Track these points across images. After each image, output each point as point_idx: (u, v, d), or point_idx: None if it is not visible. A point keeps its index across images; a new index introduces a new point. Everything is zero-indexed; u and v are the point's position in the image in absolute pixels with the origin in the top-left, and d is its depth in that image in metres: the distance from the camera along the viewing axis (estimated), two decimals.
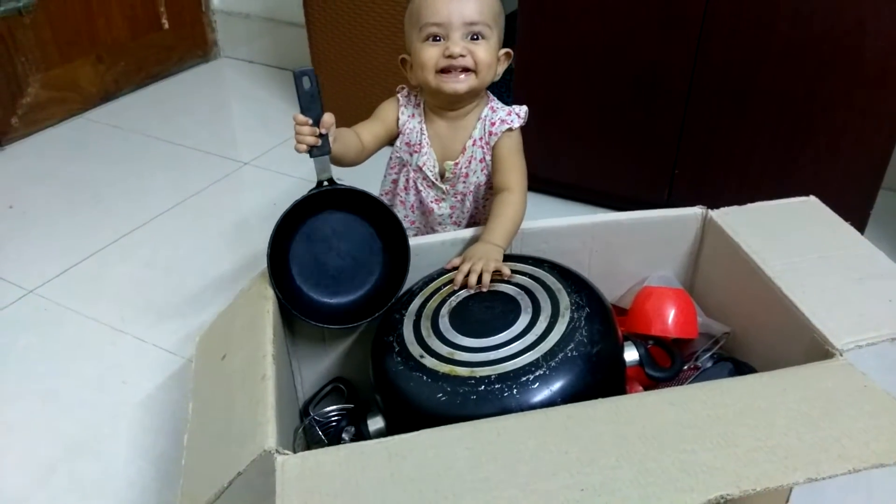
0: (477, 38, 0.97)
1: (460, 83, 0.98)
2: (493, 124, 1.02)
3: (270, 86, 2.25)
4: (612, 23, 1.37)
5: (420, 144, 1.04)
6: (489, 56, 0.98)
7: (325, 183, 0.92)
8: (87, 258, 1.48)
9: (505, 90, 1.60)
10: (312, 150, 0.89)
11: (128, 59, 2.17)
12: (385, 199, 1.12)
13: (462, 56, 0.96)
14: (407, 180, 1.07)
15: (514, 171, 1.02)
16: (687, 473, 0.63)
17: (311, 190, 0.92)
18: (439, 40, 0.96)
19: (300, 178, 1.75)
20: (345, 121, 1.74)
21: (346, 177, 0.96)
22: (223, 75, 2.38)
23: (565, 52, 1.44)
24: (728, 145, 1.39)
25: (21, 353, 1.25)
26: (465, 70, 0.97)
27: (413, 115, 1.05)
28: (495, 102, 1.05)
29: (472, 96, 1.02)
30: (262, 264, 0.94)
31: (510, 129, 1.02)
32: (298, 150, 0.89)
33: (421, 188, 1.07)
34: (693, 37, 1.32)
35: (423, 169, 1.05)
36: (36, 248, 1.52)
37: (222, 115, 2.15)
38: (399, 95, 1.06)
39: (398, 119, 1.05)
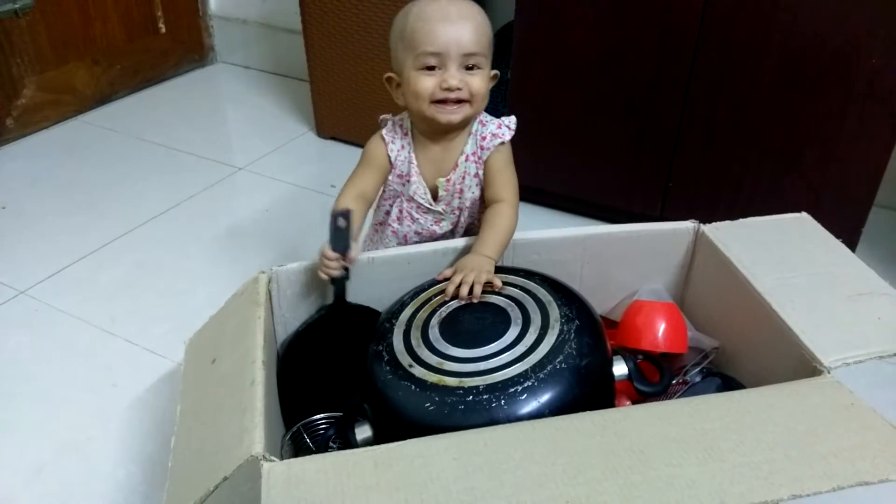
0: (473, 69, 0.95)
1: (455, 114, 0.96)
2: (483, 138, 1.01)
3: (266, 92, 2.25)
4: (608, 36, 1.38)
5: (409, 174, 1.03)
6: (484, 86, 0.96)
7: (337, 300, 0.97)
8: (80, 260, 1.48)
9: (501, 100, 1.61)
10: (335, 280, 0.93)
11: (124, 63, 2.17)
12: (376, 229, 1.12)
13: (459, 88, 0.94)
14: (400, 211, 1.06)
15: (507, 184, 1.01)
16: (672, 487, 0.63)
17: (322, 310, 0.98)
18: (434, 69, 0.94)
19: (293, 184, 1.75)
20: (340, 128, 1.75)
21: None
22: (219, 80, 2.38)
23: (561, 64, 1.45)
24: (722, 160, 1.40)
25: (11, 354, 1.25)
26: (460, 101, 0.95)
27: (402, 147, 1.02)
28: (484, 115, 1.03)
29: (464, 125, 1.01)
30: (255, 270, 0.94)
31: (502, 143, 1.01)
32: (322, 278, 0.93)
33: (417, 216, 1.05)
34: (688, 51, 1.33)
35: (415, 198, 1.03)
36: (28, 250, 1.51)
37: (217, 120, 2.15)
38: (382, 132, 1.03)
39: (389, 157, 1.03)
